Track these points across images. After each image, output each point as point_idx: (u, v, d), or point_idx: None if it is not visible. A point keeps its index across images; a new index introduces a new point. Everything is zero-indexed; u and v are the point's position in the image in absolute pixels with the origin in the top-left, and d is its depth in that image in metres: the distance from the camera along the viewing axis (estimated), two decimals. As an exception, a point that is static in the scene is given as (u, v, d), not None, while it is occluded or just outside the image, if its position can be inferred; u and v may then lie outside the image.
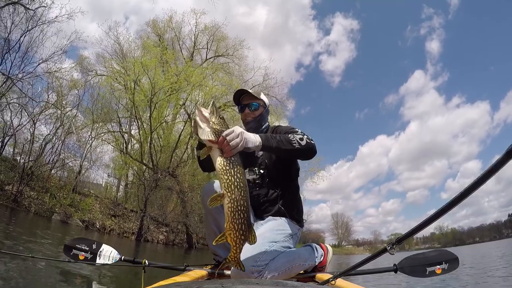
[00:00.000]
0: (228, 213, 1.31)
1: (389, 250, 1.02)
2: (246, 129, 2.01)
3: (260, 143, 1.50)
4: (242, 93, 2.13)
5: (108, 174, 18.79)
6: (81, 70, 17.06)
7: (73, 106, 16.12)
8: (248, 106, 2.08)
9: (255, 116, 2.08)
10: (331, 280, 1.42)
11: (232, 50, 20.48)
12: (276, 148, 1.56)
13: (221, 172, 1.33)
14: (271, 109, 19.64)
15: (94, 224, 13.79)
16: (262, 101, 2.13)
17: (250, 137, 1.46)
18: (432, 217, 0.85)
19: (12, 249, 3.54)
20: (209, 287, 0.66)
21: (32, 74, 13.94)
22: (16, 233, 5.97)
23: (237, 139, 1.36)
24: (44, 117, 15.16)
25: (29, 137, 15.05)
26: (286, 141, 1.59)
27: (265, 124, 2.16)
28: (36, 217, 12.29)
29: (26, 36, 13.64)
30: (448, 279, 5.60)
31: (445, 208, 0.81)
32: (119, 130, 17.96)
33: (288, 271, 1.75)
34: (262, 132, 2.09)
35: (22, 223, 8.94)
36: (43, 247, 4.56)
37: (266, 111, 2.18)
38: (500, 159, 0.63)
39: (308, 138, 1.71)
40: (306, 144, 1.66)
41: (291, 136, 1.64)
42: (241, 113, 2.13)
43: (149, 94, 14.14)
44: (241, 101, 2.14)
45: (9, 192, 12.66)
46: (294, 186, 2.07)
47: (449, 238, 75.16)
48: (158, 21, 20.43)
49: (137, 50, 18.26)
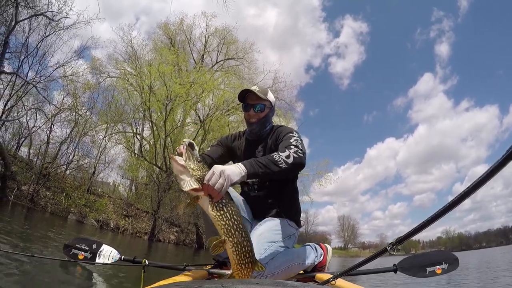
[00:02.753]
0: (234, 256, 1.28)
1: (389, 250, 1.01)
2: (249, 130, 2.04)
3: (246, 172, 1.44)
4: (248, 91, 2.00)
5: (122, 176, 19.13)
6: (93, 72, 17.36)
7: (88, 108, 16.48)
8: (253, 106, 1.97)
9: (260, 118, 1.98)
10: (331, 280, 1.42)
11: (242, 53, 20.67)
12: (263, 174, 1.50)
13: (217, 219, 1.28)
14: (280, 112, 19.78)
15: (108, 224, 14.09)
16: (268, 102, 2.01)
17: (233, 171, 1.40)
18: (433, 217, 0.85)
19: (28, 249, 3.60)
20: (209, 287, 0.66)
21: (49, 78, 14.30)
22: (31, 232, 6.10)
23: (220, 180, 1.30)
24: (59, 119, 15.55)
25: (45, 139, 15.48)
26: (272, 163, 1.52)
27: (269, 125, 2.06)
28: (52, 216, 12.58)
29: (43, 41, 14.00)
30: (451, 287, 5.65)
31: (446, 208, 0.80)
32: (131, 131, 18.33)
33: (287, 271, 1.76)
34: (265, 133, 2.03)
35: (39, 223, 9.16)
36: (56, 248, 4.56)
37: (272, 111, 2.08)
38: (501, 159, 0.63)
39: (297, 151, 1.63)
40: (293, 161, 1.57)
41: (276, 156, 1.55)
42: (245, 112, 2.02)
43: (165, 99, 14.45)
44: (246, 98, 2.00)
45: (25, 192, 12.99)
46: (292, 188, 2.04)
47: (455, 243, 74.34)
48: (169, 24, 20.71)
49: (149, 53, 18.60)
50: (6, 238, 4.09)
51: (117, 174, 19.65)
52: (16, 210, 10.66)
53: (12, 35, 12.29)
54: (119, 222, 14.47)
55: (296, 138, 1.76)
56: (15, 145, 15.19)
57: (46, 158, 15.01)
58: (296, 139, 1.76)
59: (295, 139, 1.75)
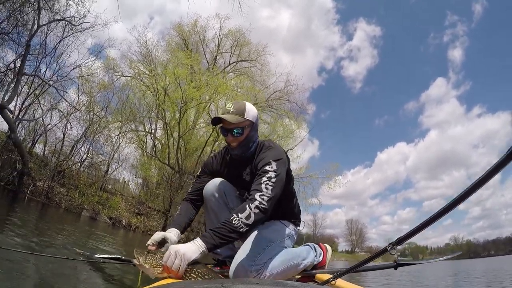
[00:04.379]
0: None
1: (389, 250, 1.01)
2: (233, 154, 1.95)
3: (205, 247, 1.45)
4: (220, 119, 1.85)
5: (135, 175, 19.39)
6: (107, 71, 17.65)
7: (102, 107, 16.76)
8: (230, 131, 1.84)
9: (240, 141, 1.86)
10: (331, 280, 1.42)
11: (255, 56, 20.80)
12: (223, 244, 1.51)
13: None
14: (291, 115, 19.84)
15: (120, 222, 14.30)
16: (247, 122, 1.86)
17: (189, 250, 1.42)
18: (432, 218, 0.85)
19: (39, 244, 3.64)
20: (209, 287, 0.65)
21: (66, 78, 14.62)
22: (46, 227, 6.14)
23: (176, 261, 1.38)
24: (74, 118, 15.83)
25: (60, 136, 15.78)
26: (232, 231, 1.49)
27: (253, 144, 1.93)
28: (66, 212, 12.81)
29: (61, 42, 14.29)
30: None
31: (447, 208, 0.80)
32: (143, 130, 18.64)
33: (286, 270, 1.76)
34: (250, 153, 1.92)
35: (54, 218, 9.28)
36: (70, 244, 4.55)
37: (254, 129, 1.92)
38: (502, 159, 0.63)
39: (261, 204, 1.55)
40: (253, 221, 1.52)
41: (235, 221, 1.49)
42: (225, 137, 1.92)
43: (179, 102, 14.67)
44: (222, 121, 1.85)
45: (40, 188, 13.27)
46: (288, 193, 1.99)
47: (463, 250, 73.25)
48: (183, 25, 20.99)
49: (163, 53, 18.88)
50: (18, 232, 4.07)
51: (130, 173, 19.95)
52: (32, 206, 10.88)
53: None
54: (131, 220, 14.67)
55: (269, 176, 1.66)
56: (31, 142, 15.54)
57: (61, 155, 15.32)
58: (269, 177, 1.66)
59: (267, 178, 1.65)
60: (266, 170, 1.69)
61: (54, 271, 2.56)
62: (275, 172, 1.68)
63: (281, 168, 1.73)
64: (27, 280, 2.10)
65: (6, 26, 11.87)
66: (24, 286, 1.98)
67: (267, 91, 20.08)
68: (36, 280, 2.16)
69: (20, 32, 12.52)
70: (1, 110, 10.51)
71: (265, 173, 1.68)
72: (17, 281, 2.04)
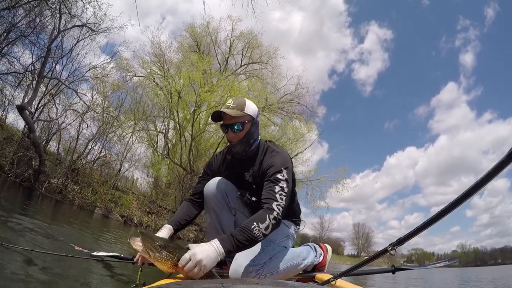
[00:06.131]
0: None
1: (389, 251, 1.02)
2: (234, 151, 1.92)
3: (223, 254, 1.43)
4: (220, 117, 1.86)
5: (147, 174, 19.66)
6: (120, 70, 17.89)
7: (116, 107, 17.04)
8: (230, 127, 1.82)
9: (241, 138, 1.84)
10: (331, 280, 1.41)
11: (266, 58, 20.91)
12: (240, 250, 1.52)
13: None
14: (301, 117, 19.92)
15: (132, 220, 14.53)
16: (247, 117, 1.84)
17: (210, 259, 1.38)
18: (432, 220, 0.85)
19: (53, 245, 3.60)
20: (209, 287, 0.65)
21: (82, 78, 14.95)
22: (60, 223, 6.21)
23: (195, 270, 1.35)
24: (88, 117, 16.13)
25: (74, 135, 16.10)
26: (251, 241, 1.49)
27: (254, 141, 1.91)
28: (79, 210, 13.05)
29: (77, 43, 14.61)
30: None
31: (448, 208, 0.79)
32: (154, 129, 18.90)
33: (286, 270, 1.75)
34: (252, 152, 1.91)
35: (68, 215, 9.44)
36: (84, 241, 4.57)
37: (255, 125, 1.90)
38: (503, 160, 0.63)
39: (278, 215, 1.59)
40: (270, 231, 1.56)
41: (256, 231, 1.50)
42: (225, 133, 1.90)
43: (193, 105, 14.89)
44: (222, 118, 1.85)
45: (54, 185, 13.54)
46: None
47: (470, 258, 72.32)
48: (195, 26, 21.24)
49: (175, 54, 19.20)
50: (27, 227, 4.06)
51: (142, 172, 20.20)
52: (45, 202, 11.11)
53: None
54: (142, 218, 14.90)
55: (282, 186, 1.68)
56: (45, 140, 15.84)
57: (75, 153, 15.61)
58: (282, 186, 1.67)
59: (281, 188, 1.67)
60: (279, 179, 1.69)
61: (53, 268, 2.57)
62: (286, 181, 1.70)
63: (290, 176, 1.76)
64: (25, 277, 2.08)
65: (25, 28, 12.22)
66: (22, 283, 1.97)
67: (277, 94, 20.08)
68: (35, 277, 2.14)
69: (38, 33, 12.90)
70: (21, 111, 10.81)
71: (277, 181, 1.68)
72: (16, 278, 2.03)
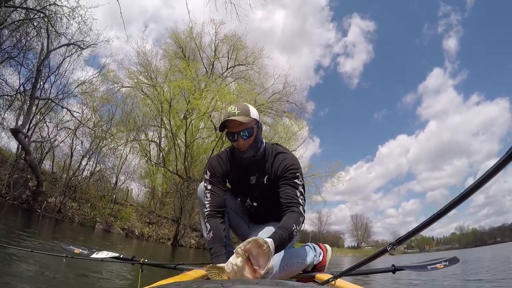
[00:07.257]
0: None
1: (389, 251, 1.00)
2: (243, 158, 1.83)
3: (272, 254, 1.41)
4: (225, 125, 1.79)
5: (144, 185, 19.70)
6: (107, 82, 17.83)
7: (107, 120, 17.06)
8: (239, 134, 1.73)
9: (251, 144, 1.77)
10: (331, 280, 1.40)
11: (252, 59, 21.04)
12: (283, 247, 1.54)
13: None
14: (291, 115, 20.15)
15: (133, 232, 14.66)
16: (254, 121, 1.76)
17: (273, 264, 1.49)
18: (434, 217, 0.84)
19: None
20: (209, 287, 0.67)
21: (71, 95, 14.97)
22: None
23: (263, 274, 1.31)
24: (80, 133, 16.14)
25: (67, 152, 16.09)
26: (289, 236, 1.52)
27: (262, 145, 1.85)
28: (80, 227, 13.08)
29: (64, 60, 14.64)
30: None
31: (449, 207, 0.79)
32: (146, 139, 18.94)
33: (286, 269, 1.74)
34: (259, 155, 1.85)
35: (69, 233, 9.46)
36: None
37: (260, 128, 1.84)
38: (503, 159, 0.64)
39: (302, 216, 1.66)
40: (301, 226, 1.62)
41: (295, 231, 1.55)
42: (232, 142, 1.80)
43: (185, 113, 14.99)
44: (228, 126, 1.75)
45: (52, 204, 13.52)
46: None
47: (469, 239, 73.44)
48: (179, 32, 21.18)
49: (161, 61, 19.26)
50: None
51: (138, 183, 20.21)
52: (45, 222, 11.12)
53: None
54: (143, 229, 15.05)
55: (301, 191, 1.74)
56: (38, 159, 15.76)
57: (70, 170, 15.61)
58: (301, 191, 1.74)
59: (300, 192, 1.73)
60: (297, 184, 1.73)
61: (53, 269, 2.64)
62: (303, 186, 1.76)
63: (303, 177, 1.82)
64: (26, 278, 2.16)
65: (11, 49, 12.23)
66: (23, 283, 2.05)
67: (266, 94, 20.36)
68: (35, 278, 2.22)
69: (24, 54, 12.91)
70: (16, 134, 10.81)
71: (297, 186, 1.73)
72: (16, 278, 2.11)
